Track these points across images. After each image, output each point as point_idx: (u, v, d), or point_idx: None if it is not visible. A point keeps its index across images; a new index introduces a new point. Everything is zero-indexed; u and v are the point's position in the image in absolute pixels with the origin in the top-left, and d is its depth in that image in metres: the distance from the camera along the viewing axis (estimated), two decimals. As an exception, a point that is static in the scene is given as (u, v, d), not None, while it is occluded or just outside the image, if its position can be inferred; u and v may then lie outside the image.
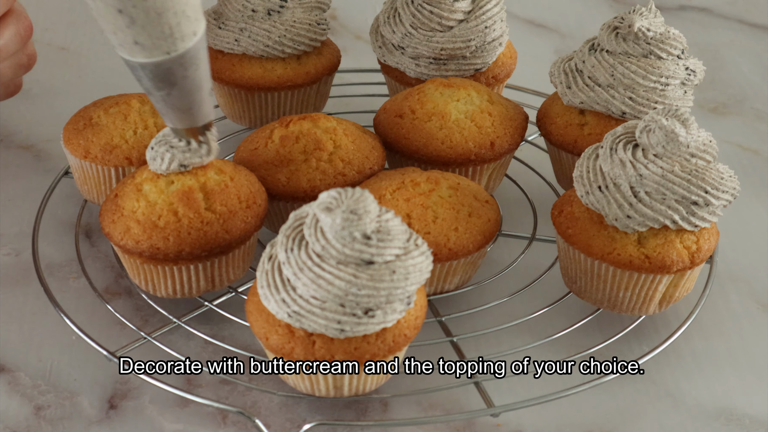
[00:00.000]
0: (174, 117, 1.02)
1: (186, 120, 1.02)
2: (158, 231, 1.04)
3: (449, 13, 1.25)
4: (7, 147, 1.36)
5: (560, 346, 1.09)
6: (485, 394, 1.02)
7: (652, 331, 1.12)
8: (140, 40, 0.92)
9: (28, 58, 1.29)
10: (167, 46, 0.93)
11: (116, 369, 1.06)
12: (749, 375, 1.08)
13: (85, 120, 1.18)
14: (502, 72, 1.30)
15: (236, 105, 1.32)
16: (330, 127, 1.16)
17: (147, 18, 0.91)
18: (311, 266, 0.92)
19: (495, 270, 1.17)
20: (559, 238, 1.09)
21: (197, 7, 0.95)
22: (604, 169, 1.05)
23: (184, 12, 0.93)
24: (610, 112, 1.17)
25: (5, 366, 1.07)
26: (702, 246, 1.05)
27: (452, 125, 1.18)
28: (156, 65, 0.95)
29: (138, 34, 0.92)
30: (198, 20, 0.95)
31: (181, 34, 0.93)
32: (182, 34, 0.94)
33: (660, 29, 1.16)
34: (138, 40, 0.92)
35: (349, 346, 0.94)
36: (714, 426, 1.03)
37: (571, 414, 1.04)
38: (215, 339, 1.08)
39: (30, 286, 1.15)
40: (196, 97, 1.00)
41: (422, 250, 0.95)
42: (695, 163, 1.03)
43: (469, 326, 1.11)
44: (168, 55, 0.94)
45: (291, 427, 1.01)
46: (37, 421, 1.02)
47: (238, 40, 1.26)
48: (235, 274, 1.10)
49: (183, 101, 0.99)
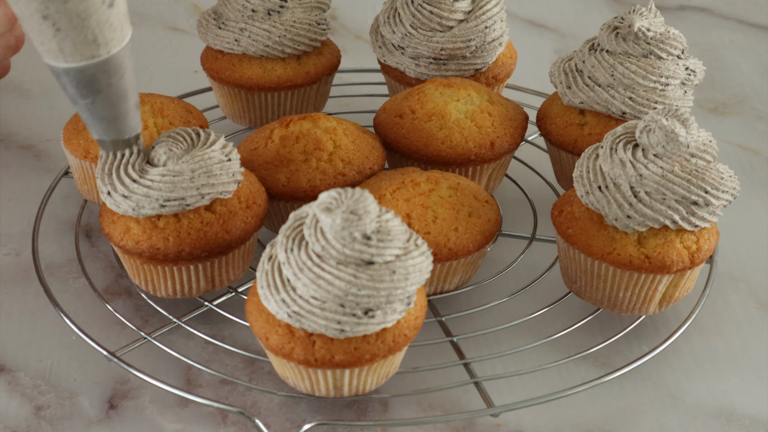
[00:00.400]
0: (99, 127, 1.01)
1: (112, 131, 1.01)
2: (158, 231, 1.04)
3: (449, 13, 1.25)
4: (7, 147, 1.36)
5: (560, 346, 1.09)
6: (485, 394, 1.02)
7: (652, 331, 1.12)
8: (64, 45, 0.93)
9: (17, 40, 1.29)
10: (90, 52, 0.95)
11: (116, 369, 1.06)
12: (749, 375, 1.08)
13: (85, 120, 1.18)
14: (502, 72, 1.30)
15: (236, 105, 1.32)
16: (330, 127, 1.16)
17: (70, 23, 0.92)
18: (311, 266, 0.92)
19: (495, 270, 1.17)
20: (559, 238, 1.09)
21: (123, 15, 0.96)
22: (604, 169, 1.05)
23: (107, 20, 0.94)
24: (610, 112, 1.17)
25: (5, 366, 1.07)
26: (702, 246, 1.05)
27: (452, 125, 1.18)
28: (79, 71, 0.95)
29: (62, 39, 0.93)
30: (123, 28, 0.97)
31: (105, 40, 0.95)
32: (106, 40, 0.95)
33: (660, 29, 1.16)
34: (62, 45, 0.94)
35: (349, 346, 0.94)
36: (714, 426, 1.03)
37: (571, 414, 1.04)
38: (215, 339, 1.08)
39: (30, 286, 1.15)
40: (122, 108, 1.00)
41: (422, 250, 0.95)
42: (695, 163, 1.03)
43: (469, 326, 1.11)
44: (91, 60, 0.95)
45: (291, 427, 1.01)
46: (37, 421, 1.02)
47: (238, 40, 1.26)
48: (235, 274, 1.10)
49: (108, 111, 0.99)
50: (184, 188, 1.02)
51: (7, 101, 1.44)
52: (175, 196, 1.02)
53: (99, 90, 0.97)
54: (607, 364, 1.08)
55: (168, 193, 1.02)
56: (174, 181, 1.02)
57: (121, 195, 1.02)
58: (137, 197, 1.02)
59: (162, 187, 1.02)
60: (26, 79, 1.48)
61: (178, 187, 1.02)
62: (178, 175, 1.02)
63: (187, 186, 1.02)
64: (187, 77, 1.50)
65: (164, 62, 1.54)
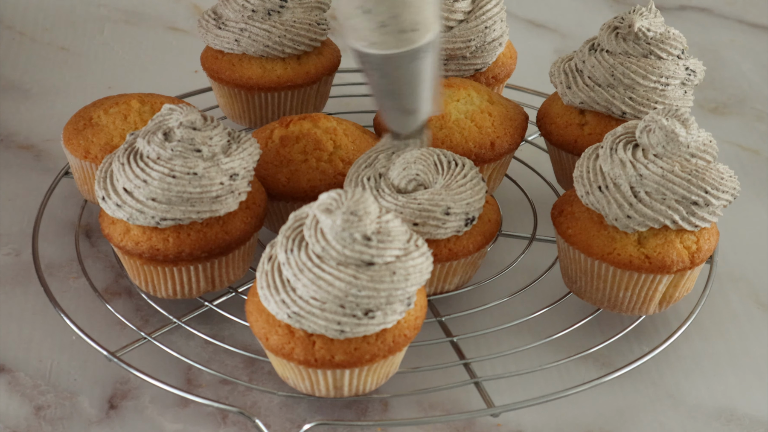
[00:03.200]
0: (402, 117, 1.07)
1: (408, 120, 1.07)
2: (158, 232, 1.04)
3: (449, 14, 1.25)
4: (7, 147, 1.36)
5: (560, 346, 1.09)
6: (485, 394, 1.02)
7: (652, 331, 1.12)
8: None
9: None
10: (408, 38, 1.00)
11: (116, 369, 1.06)
12: (749, 375, 1.08)
13: (85, 120, 1.18)
14: (502, 72, 1.30)
15: (236, 105, 1.32)
16: (330, 127, 1.16)
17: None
18: (311, 267, 0.92)
19: (495, 270, 1.18)
20: (559, 238, 1.09)
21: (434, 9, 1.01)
22: (604, 169, 1.05)
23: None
24: (610, 112, 1.17)
25: (5, 366, 1.07)
26: (702, 246, 1.05)
27: (452, 125, 1.18)
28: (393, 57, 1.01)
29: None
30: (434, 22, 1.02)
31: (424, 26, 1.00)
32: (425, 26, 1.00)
33: (660, 29, 1.16)
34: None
35: (349, 347, 0.94)
36: (714, 426, 1.03)
37: (571, 414, 1.04)
38: (215, 339, 1.08)
39: (30, 286, 1.15)
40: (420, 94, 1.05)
41: (422, 251, 0.95)
42: (695, 163, 1.03)
43: (469, 326, 1.11)
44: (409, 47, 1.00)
45: (291, 427, 1.01)
46: (37, 421, 1.02)
47: (238, 40, 1.26)
48: (235, 275, 1.10)
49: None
50: (182, 210, 1.02)
51: (7, 101, 1.44)
52: (172, 216, 1.02)
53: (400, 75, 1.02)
54: (607, 364, 1.08)
55: (164, 213, 1.02)
56: (172, 202, 1.02)
57: (115, 204, 1.03)
58: (131, 210, 1.02)
59: (157, 206, 1.02)
60: (26, 79, 1.49)
61: (176, 209, 1.02)
62: (180, 197, 1.02)
63: (185, 209, 1.02)
64: (187, 77, 1.50)
65: (164, 62, 1.55)
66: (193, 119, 1.03)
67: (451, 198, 1.03)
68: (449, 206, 1.03)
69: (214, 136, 1.04)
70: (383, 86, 1.04)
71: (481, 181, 1.07)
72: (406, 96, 1.05)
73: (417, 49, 1.00)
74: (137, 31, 1.62)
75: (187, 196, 1.01)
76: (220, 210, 1.03)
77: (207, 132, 1.04)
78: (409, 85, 1.03)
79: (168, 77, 1.50)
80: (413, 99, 1.05)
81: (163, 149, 1.02)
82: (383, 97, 1.06)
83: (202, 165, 1.02)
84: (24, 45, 1.56)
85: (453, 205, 1.03)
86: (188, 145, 1.02)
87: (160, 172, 1.01)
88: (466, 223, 1.05)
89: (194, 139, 1.02)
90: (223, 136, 1.05)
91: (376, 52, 1.01)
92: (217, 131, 1.04)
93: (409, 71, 1.02)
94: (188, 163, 1.02)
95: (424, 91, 1.05)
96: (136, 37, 1.60)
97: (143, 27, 1.63)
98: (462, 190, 1.04)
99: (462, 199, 1.04)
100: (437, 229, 1.03)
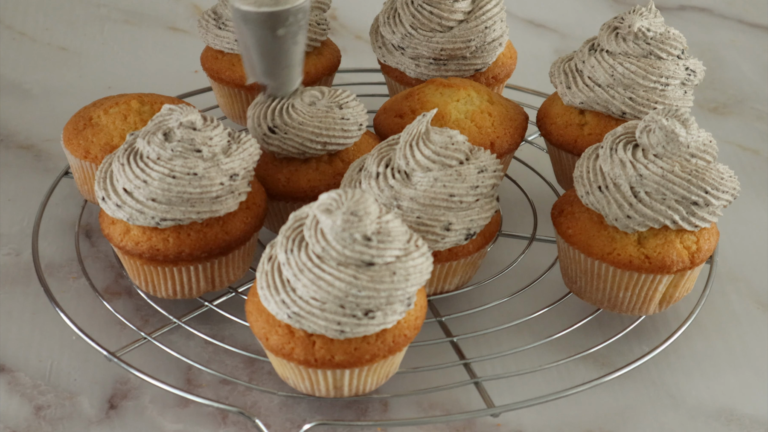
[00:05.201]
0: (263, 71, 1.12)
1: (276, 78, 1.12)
2: (158, 233, 1.04)
3: (449, 14, 1.25)
4: (7, 147, 1.36)
5: (560, 346, 1.09)
6: (485, 394, 1.02)
7: (652, 331, 1.12)
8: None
9: None
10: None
11: (116, 369, 1.06)
12: (749, 375, 1.09)
13: (85, 120, 1.18)
14: (502, 72, 1.30)
15: (236, 105, 1.32)
16: (330, 128, 1.16)
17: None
18: (311, 267, 0.92)
19: (495, 270, 1.18)
20: (559, 238, 1.09)
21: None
22: (604, 169, 1.05)
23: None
24: (610, 112, 1.17)
25: (5, 366, 1.07)
26: (702, 246, 1.05)
27: (452, 125, 1.18)
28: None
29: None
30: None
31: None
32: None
33: (660, 29, 1.16)
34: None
35: (349, 347, 0.94)
36: (714, 426, 1.03)
37: (571, 414, 1.04)
38: (215, 339, 1.08)
39: (30, 286, 1.15)
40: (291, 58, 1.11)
41: (422, 251, 0.95)
42: (695, 164, 1.03)
43: (469, 326, 1.11)
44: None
45: (291, 427, 1.01)
46: (37, 421, 1.02)
47: (238, 40, 1.26)
48: (235, 275, 1.10)
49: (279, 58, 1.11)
50: (182, 211, 1.02)
51: (7, 101, 1.44)
52: (172, 216, 1.02)
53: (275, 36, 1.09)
54: (607, 364, 1.08)
55: (164, 213, 1.02)
56: (172, 202, 1.02)
57: (115, 204, 1.03)
58: (131, 210, 1.02)
59: (157, 207, 1.02)
60: (26, 79, 1.49)
61: (176, 209, 1.02)
62: (180, 198, 1.02)
63: (185, 210, 1.02)
64: (187, 77, 1.50)
65: (164, 62, 1.55)
66: (193, 119, 1.03)
67: (454, 213, 1.03)
68: (450, 222, 1.03)
69: (214, 136, 1.04)
70: (258, 46, 1.10)
71: (494, 200, 1.06)
72: (280, 57, 1.11)
73: (288, 10, 1.08)
74: (137, 31, 1.62)
75: (187, 196, 1.01)
76: (220, 210, 1.03)
77: (207, 132, 1.04)
78: (282, 46, 1.10)
79: (168, 77, 1.50)
80: (286, 60, 1.11)
81: (163, 149, 1.02)
82: (257, 56, 1.11)
83: (202, 165, 1.02)
84: (24, 45, 1.56)
85: (455, 221, 1.03)
86: (188, 145, 1.02)
87: (160, 173, 1.01)
88: (466, 238, 1.04)
89: (194, 139, 1.03)
90: (223, 136, 1.05)
91: (253, 10, 1.07)
92: (217, 131, 1.04)
93: (283, 32, 1.09)
94: (188, 163, 1.02)
95: (296, 54, 1.12)
96: (136, 37, 1.60)
97: (143, 27, 1.63)
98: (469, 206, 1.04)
99: (467, 215, 1.04)
100: (435, 243, 1.03)
